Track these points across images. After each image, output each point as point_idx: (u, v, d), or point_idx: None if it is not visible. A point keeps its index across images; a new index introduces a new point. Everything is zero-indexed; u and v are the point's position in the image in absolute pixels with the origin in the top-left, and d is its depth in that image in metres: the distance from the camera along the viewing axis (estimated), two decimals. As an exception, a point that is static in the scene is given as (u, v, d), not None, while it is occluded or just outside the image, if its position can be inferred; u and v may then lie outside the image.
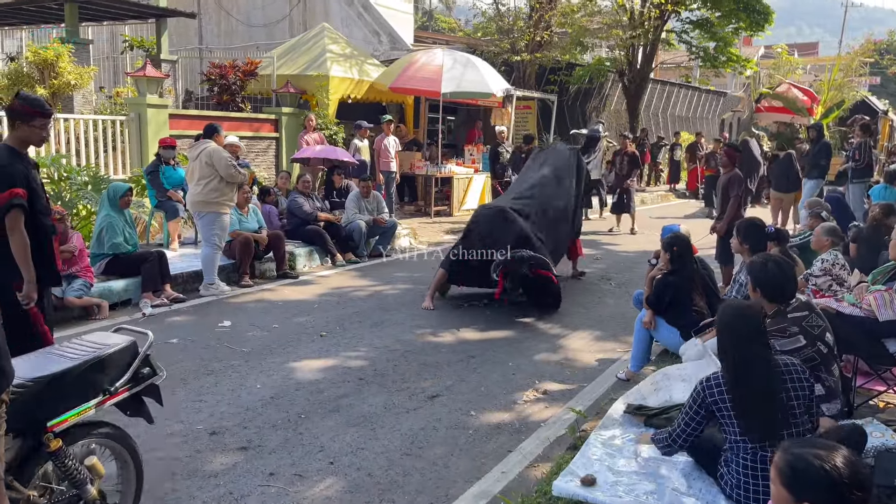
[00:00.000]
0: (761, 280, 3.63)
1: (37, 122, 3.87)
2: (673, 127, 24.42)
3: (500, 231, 6.75)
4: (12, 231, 3.73)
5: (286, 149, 12.53)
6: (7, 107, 3.98)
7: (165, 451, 3.76)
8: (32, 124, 3.87)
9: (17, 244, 3.75)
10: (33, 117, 3.85)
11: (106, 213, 6.87)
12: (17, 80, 10.09)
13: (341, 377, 4.94)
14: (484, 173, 14.32)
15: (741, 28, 19.34)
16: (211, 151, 7.03)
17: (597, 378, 5.10)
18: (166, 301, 6.71)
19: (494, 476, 3.62)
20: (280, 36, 16.84)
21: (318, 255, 8.89)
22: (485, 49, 17.40)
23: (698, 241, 5.80)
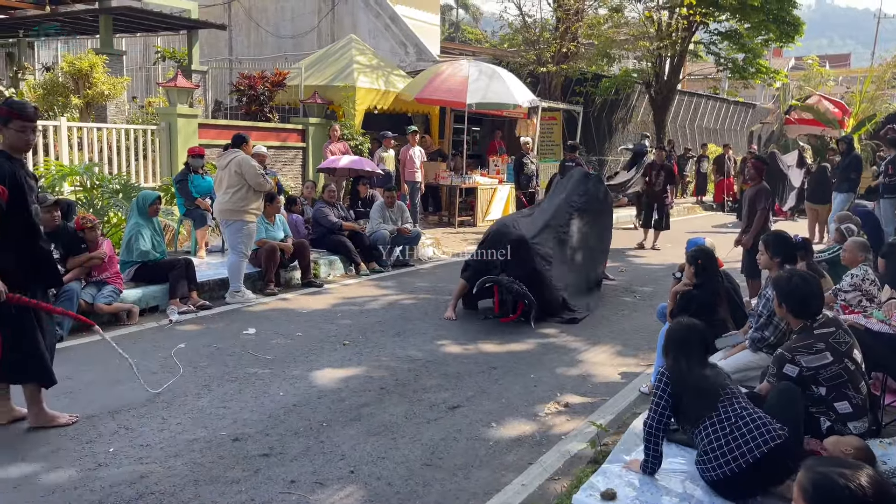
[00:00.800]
0: (787, 295, 3.59)
1: (14, 124, 3.90)
2: (700, 139, 24.20)
3: (515, 261, 6.77)
4: None
5: (312, 158, 12.67)
6: None
7: (189, 457, 3.80)
8: (10, 127, 3.89)
9: None
10: (10, 119, 3.89)
11: (135, 220, 7.00)
12: (52, 89, 10.34)
13: (363, 386, 4.96)
14: (508, 184, 14.32)
15: (771, 39, 19.12)
16: (240, 161, 7.14)
17: (619, 392, 5.06)
18: (193, 308, 6.81)
19: (514, 488, 3.61)
20: (308, 47, 17.06)
21: (342, 264, 8.96)
22: (511, 60, 17.43)
23: (724, 254, 5.75)
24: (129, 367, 5.16)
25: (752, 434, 3.12)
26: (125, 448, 3.88)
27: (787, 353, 3.48)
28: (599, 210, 8.24)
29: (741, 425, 3.16)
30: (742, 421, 3.17)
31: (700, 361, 3.41)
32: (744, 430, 3.14)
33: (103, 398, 4.58)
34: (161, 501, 3.34)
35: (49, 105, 10.17)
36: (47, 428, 4.08)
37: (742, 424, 3.16)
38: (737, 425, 3.16)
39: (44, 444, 3.89)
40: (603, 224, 8.30)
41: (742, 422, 3.17)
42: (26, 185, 3.90)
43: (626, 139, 21.71)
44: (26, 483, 3.47)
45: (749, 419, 3.17)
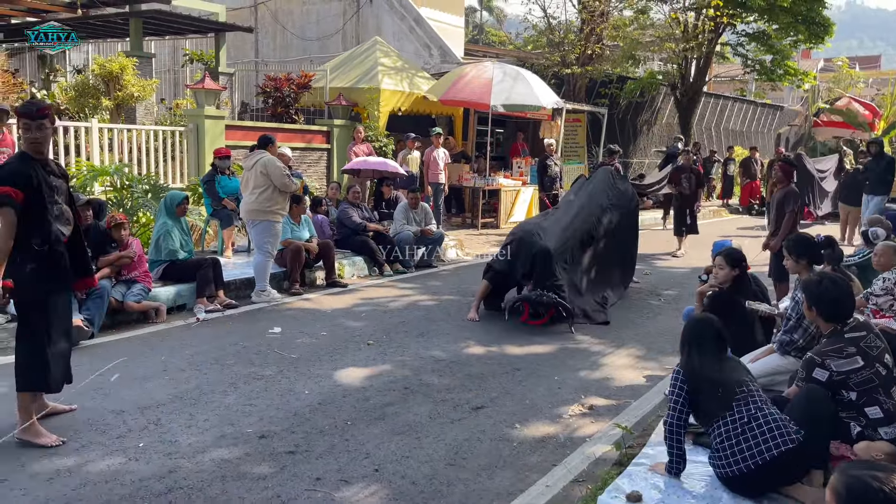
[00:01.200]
0: (816, 298, 3.55)
1: (20, 122, 3.97)
2: (727, 141, 23.94)
3: (540, 271, 6.74)
4: (3, 229, 3.77)
5: (337, 160, 12.76)
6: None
7: (216, 453, 3.85)
8: (20, 128, 3.98)
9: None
10: (9, 117, 4.00)
11: (163, 220, 7.10)
12: (83, 91, 10.53)
13: (387, 386, 4.99)
14: (532, 186, 14.30)
15: (800, 41, 18.88)
16: (266, 162, 7.21)
17: (644, 394, 5.03)
18: (220, 307, 6.89)
19: (538, 490, 3.60)
20: (333, 49, 17.19)
21: (366, 265, 9.01)
22: (535, 62, 17.40)
23: (751, 258, 5.68)
24: (159, 364, 5.26)
25: (764, 436, 3.12)
26: (154, 443, 3.94)
27: (816, 357, 3.44)
28: (625, 210, 8.19)
29: (755, 426, 3.16)
30: (756, 422, 3.17)
31: (715, 356, 3.41)
32: (756, 432, 3.15)
33: (133, 394, 4.65)
34: (190, 496, 3.39)
35: (80, 107, 10.36)
36: (32, 444, 3.88)
37: (756, 426, 3.16)
38: (750, 426, 3.17)
39: (75, 440, 3.96)
40: (628, 224, 8.24)
41: (756, 423, 3.17)
42: (45, 185, 3.90)
43: (651, 141, 21.57)
44: (58, 477, 3.54)
45: (763, 420, 3.17)
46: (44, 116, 3.95)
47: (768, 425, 3.15)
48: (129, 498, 3.36)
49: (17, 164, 3.91)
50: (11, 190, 3.76)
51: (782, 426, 3.14)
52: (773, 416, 3.19)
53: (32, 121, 3.92)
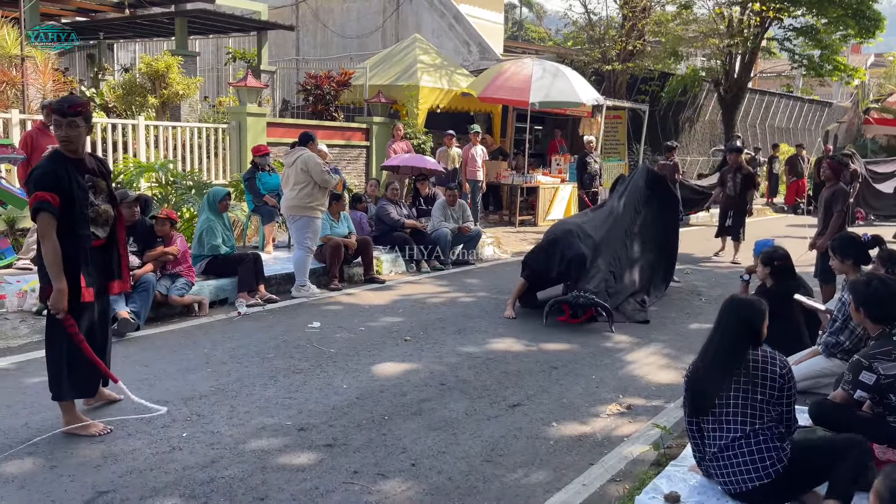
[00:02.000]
0: (865, 299, 3.46)
1: (52, 119, 3.84)
2: (772, 138, 23.43)
3: (577, 274, 6.75)
4: (42, 236, 3.65)
5: (376, 157, 12.84)
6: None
7: (256, 444, 3.93)
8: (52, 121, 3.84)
9: (45, 250, 3.66)
10: (49, 115, 3.89)
11: (206, 216, 7.24)
12: (131, 90, 10.79)
13: (424, 381, 5.02)
14: (570, 183, 14.20)
15: (849, 35, 18.36)
16: (306, 158, 7.31)
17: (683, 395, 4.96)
18: (260, 301, 7.00)
19: (575, 488, 3.59)
20: (373, 47, 17.30)
21: (403, 262, 9.06)
22: (575, 58, 17.26)
23: (796, 258, 5.56)
24: (202, 356, 5.37)
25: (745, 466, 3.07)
26: (197, 434, 4.03)
27: (864, 359, 3.36)
28: (664, 208, 8.09)
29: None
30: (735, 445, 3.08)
31: (733, 340, 3.18)
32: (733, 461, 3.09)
33: (177, 386, 4.77)
34: (231, 486, 3.47)
35: (128, 104, 10.62)
36: (79, 435, 3.95)
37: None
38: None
39: (121, 428, 4.07)
40: (668, 222, 8.12)
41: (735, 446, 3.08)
42: (77, 186, 3.76)
43: (694, 139, 21.23)
44: (105, 464, 3.65)
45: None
46: (76, 114, 3.77)
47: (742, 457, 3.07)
48: (173, 486, 3.45)
49: (48, 164, 3.76)
50: (49, 195, 3.63)
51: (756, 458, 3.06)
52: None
53: (63, 117, 3.74)
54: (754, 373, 3.09)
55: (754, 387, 3.07)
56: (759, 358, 3.12)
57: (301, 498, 3.38)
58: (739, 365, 3.11)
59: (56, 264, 3.65)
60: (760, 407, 3.06)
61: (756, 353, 3.14)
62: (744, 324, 3.18)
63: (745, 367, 3.11)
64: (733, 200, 10.57)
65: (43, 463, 3.64)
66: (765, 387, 3.07)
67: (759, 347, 3.17)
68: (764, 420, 3.05)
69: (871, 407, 3.43)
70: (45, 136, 7.13)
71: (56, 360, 3.90)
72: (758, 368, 3.09)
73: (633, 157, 16.93)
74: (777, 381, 3.07)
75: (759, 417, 3.05)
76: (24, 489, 3.38)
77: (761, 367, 3.09)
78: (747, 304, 3.28)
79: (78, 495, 3.34)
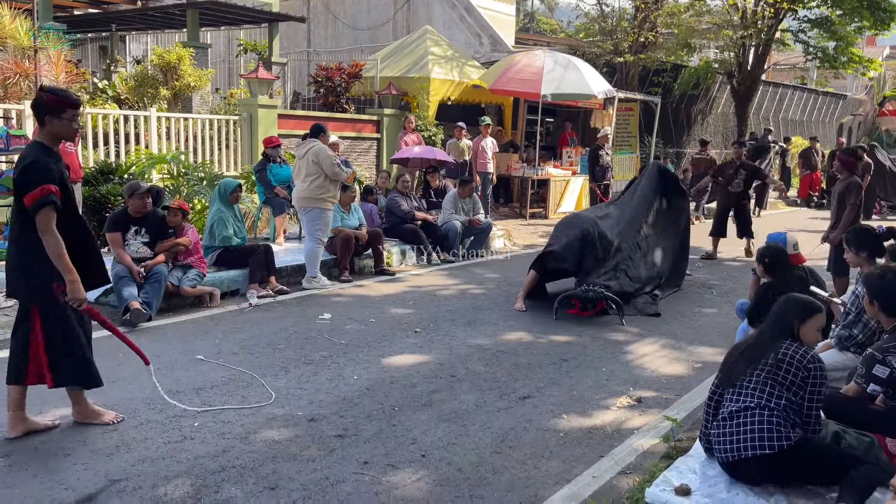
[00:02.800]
0: (879, 292, 3.43)
1: (67, 113, 3.69)
2: (785, 131, 23.24)
3: (590, 268, 6.77)
4: (44, 231, 3.55)
5: (387, 149, 12.84)
6: (34, 102, 3.73)
7: (267, 434, 3.95)
8: (63, 117, 3.68)
9: (50, 245, 3.56)
10: (63, 109, 3.66)
11: (217, 207, 7.27)
12: (143, 81, 10.83)
13: (434, 373, 5.02)
14: (581, 176, 14.14)
15: (865, 27, 18.14)
16: (317, 150, 7.31)
17: (694, 388, 4.95)
18: (271, 292, 7.03)
19: (585, 480, 3.59)
20: (384, 39, 17.27)
21: (413, 254, 9.06)
22: (587, 50, 17.15)
23: (809, 251, 5.52)
24: (213, 347, 5.40)
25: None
26: (208, 423, 4.06)
27: (877, 353, 3.34)
28: (674, 205, 8.11)
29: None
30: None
31: (771, 332, 3.28)
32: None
33: (188, 376, 4.80)
34: (242, 475, 3.49)
35: (140, 96, 10.66)
36: (91, 423, 3.96)
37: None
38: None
39: (133, 417, 4.10)
40: (679, 217, 8.15)
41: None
42: (69, 187, 3.72)
43: (706, 131, 21.07)
44: (118, 452, 3.68)
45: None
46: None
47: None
48: (185, 474, 3.47)
49: (45, 156, 3.65)
50: (53, 188, 3.55)
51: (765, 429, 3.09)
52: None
53: (77, 108, 3.75)
54: (781, 359, 3.14)
55: (778, 370, 3.13)
56: (792, 349, 3.17)
57: (311, 488, 3.40)
58: (768, 353, 3.19)
59: (63, 257, 3.59)
60: (780, 388, 3.11)
61: (790, 345, 3.19)
62: (779, 319, 3.28)
63: (774, 354, 3.17)
64: (736, 197, 10.07)
65: (56, 451, 3.67)
66: (788, 372, 3.11)
67: (795, 341, 3.21)
68: (781, 400, 3.09)
69: (885, 401, 3.40)
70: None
71: (70, 351, 3.82)
72: (786, 356, 3.14)
73: (645, 150, 16.84)
74: (801, 372, 3.10)
75: (776, 396, 3.10)
76: (37, 477, 3.42)
77: (790, 355, 3.14)
78: (787, 302, 3.34)
79: (91, 483, 3.37)
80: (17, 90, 8.90)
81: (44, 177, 3.55)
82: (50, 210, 3.54)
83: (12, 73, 8.87)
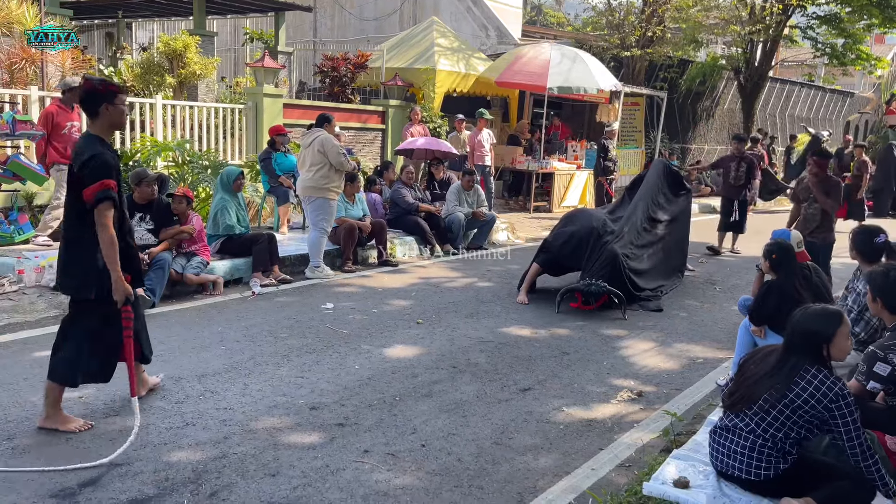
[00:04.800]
0: (883, 289, 3.43)
1: (119, 98, 3.66)
2: (791, 128, 23.15)
3: (602, 271, 6.66)
4: (103, 226, 3.52)
5: (391, 140, 12.83)
6: (86, 93, 3.67)
7: (268, 422, 3.97)
8: (116, 103, 3.65)
9: (105, 238, 3.54)
10: (116, 94, 3.63)
11: (220, 196, 7.28)
12: (149, 68, 10.83)
13: (435, 364, 5.04)
14: (586, 170, 14.11)
15: (873, 24, 18.03)
16: (323, 140, 7.31)
17: (695, 383, 4.96)
18: (275, 281, 7.05)
19: (584, 472, 3.60)
20: (390, 29, 17.23)
21: (417, 245, 9.07)
22: (593, 44, 17.09)
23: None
24: (216, 334, 5.42)
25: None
26: (210, 410, 4.08)
27: (879, 350, 3.33)
28: (678, 202, 8.09)
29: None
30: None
31: (797, 360, 2.99)
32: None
33: (191, 363, 4.82)
34: (243, 461, 3.51)
35: (145, 83, 10.66)
36: (59, 430, 3.74)
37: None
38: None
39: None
40: (682, 212, 8.14)
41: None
42: (118, 172, 3.66)
43: (712, 127, 21.00)
44: (120, 438, 3.70)
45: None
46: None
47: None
48: (187, 460, 3.49)
49: (106, 151, 3.61)
50: (111, 183, 3.53)
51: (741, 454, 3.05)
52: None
53: (126, 93, 3.70)
54: (799, 393, 2.90)
55: (790, 401, 2.91)
56: (812, 387, 2.89)
57: (311, 475, 3.42)
58: (787, 383, 2.94)
59: (115, 254, 3.56)
60: (787, 422, 2.93)
61: (812, 379, 2.91)
62: (806, 342, 2.99)
63: (790, 385, 2.93)
64: (736, 190, 10.11)
65: (59, 435, 3.70)
66: (796, 410, 2.90)
67: (821, 367, 2.94)
68: (779, 433, 2.94)
69: (885, 398, 3.40)
70: (64, 113, 7.20)
71: (75, 345, 3.77)
72: (804, 393, 2.89)
73: (650, 145, 16.79)
74: (821, 414, 2.88)
75: (774, 428, 2.95)
76: (41, 461, 3.44)
77: (810, 393, 2.89)
78: (807, 321, 3.04)
79: (93, 468, 3.39)
80: (23, 76, 8.91)
81: (105, 172, 3.53)
82: (108, 205, 3.52)
83: (19, 58, 8.88)
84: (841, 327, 3.00)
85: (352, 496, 3.26)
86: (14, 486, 3.21)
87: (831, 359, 2.99)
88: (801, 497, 2.90)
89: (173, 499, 3.16)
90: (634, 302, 6.83)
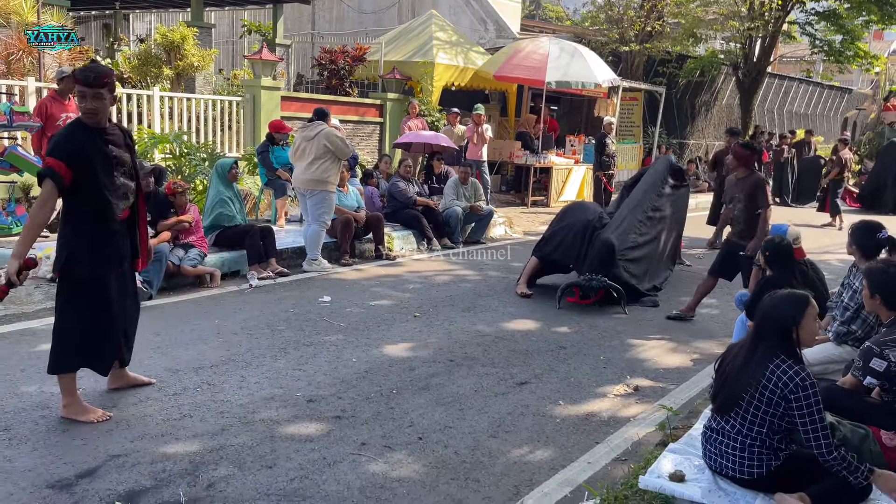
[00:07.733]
0: (880, 285, 3.44)
1: (76, 90, 3.71)
2: (790, 124, 23.16)
3: (597, 262, 6.65)
4: (41, 201, 3.60)
5: (389, 134, 12.81)
6: (111, 81, 3.77)
7: (266, 414, 3.97)
8: (76, 93, 3.72)
9: (36, 213, 3.63)
10: (75, 86, 3.71)
11: (217, 188, 7.26)
12: (146, 60, 10.79)
13: (433, 357, 5.04)
14: (584, 165, 14.11)
15: (872, 21, 18.03)
16: (328, 133, 7.30)
17: (691, 378, 4.98)
18: (272, 274, 7.04)
19: (580, 466, 3.62)
20: (389, 23, 17.18)
21: (414, 239, 9.06)
22: (592, 38, 17.06)
23: (815, 245, 5.51)
24: (213, 327, 5.42)
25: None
26: (207, 402, 4.08)
27: (875, 346, 3.35)
28: (678, 194, 8.09)
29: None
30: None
31: (766, 348, 2.96)
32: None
33: (188, 355, 4.82)
34: (240, 453, 3.52)
35: (143, 75, 10.62)
36: (78, 421, 3.75)
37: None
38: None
39: (133, 395, 4.13)
40: (680, 208, 8.13)
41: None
42: (100, 156, 3.66)
43: (710, 122, 21.01)
44: (118, 429, 3.70)
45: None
46: (102, 85, 3.65)
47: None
48: (183, 452, 3.49)
49: (69, 133, 3.67)
50: (55, 162, 3.54)
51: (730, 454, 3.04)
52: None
53: (89, 88, 3.63)
54: (765, 384, 2.88)
55: (761, 395, 2.90)
56: (777, 373, 2.87)
57: (308, 467, 3.42)
58: (755, 373, 2.91)
59: (34, 232, 3.61)
60: (762, 414, 2.91)
61: (777, 367, 2.88)
62: (777, 327, 2.95)
63: (759, 377, 2.91)
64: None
65: (56, 426, 3.70)
66: (769, 403, 2.88)
67: (788, 356, 2.91)
68: (763, 427, 2.92)
69: (881, 394, 3.42)
70: (59, 104, 7.18)
71: (66, 329, 3.75)
72: (771, 381, 2.88)
73: (649, 140, 16.78)
74: (783, 401, 2.86)
75: (758, 423, 2.93)
76: (37, 451, 3.44)
77: (774, 381, 2.87)
78: (775, 306, 3.01)
79: (90, 458, 3.39)
80: (20, 66, 8.88)
81: (51, 151, 3.61)
82: (50, 183, 3.56)
83: (16, 48, 8.84)
84: (808, 309, 2.96)
85: (349, 488, 3.27)
86: (10, 476, 3.21)
87: (801, 344, 2.96)
88: (795, 492, 2.92)
89: (170, 490, 3.17)
90: (635, 301, 6.83)
